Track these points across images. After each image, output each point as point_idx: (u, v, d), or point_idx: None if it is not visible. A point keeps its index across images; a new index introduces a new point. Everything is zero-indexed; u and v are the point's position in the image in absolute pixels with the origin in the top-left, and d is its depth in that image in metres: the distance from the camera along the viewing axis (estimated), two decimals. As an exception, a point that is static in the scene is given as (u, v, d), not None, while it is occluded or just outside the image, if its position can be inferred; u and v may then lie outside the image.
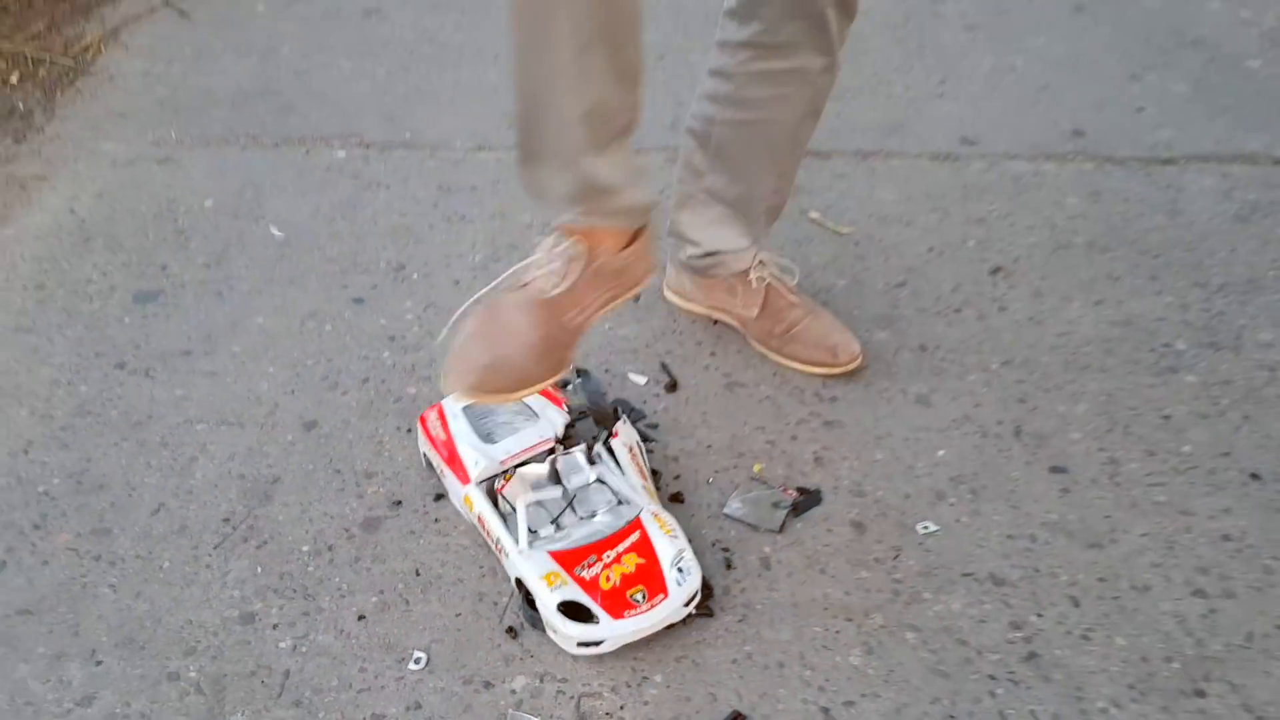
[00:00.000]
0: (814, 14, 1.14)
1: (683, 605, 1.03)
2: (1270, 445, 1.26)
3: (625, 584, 1.02)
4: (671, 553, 1.04)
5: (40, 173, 1.73)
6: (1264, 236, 1.62)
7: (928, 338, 1.42)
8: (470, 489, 1.09)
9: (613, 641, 1.00)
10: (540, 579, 1.01)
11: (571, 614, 1.00)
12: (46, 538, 1.14)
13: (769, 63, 1.19)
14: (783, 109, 1.24)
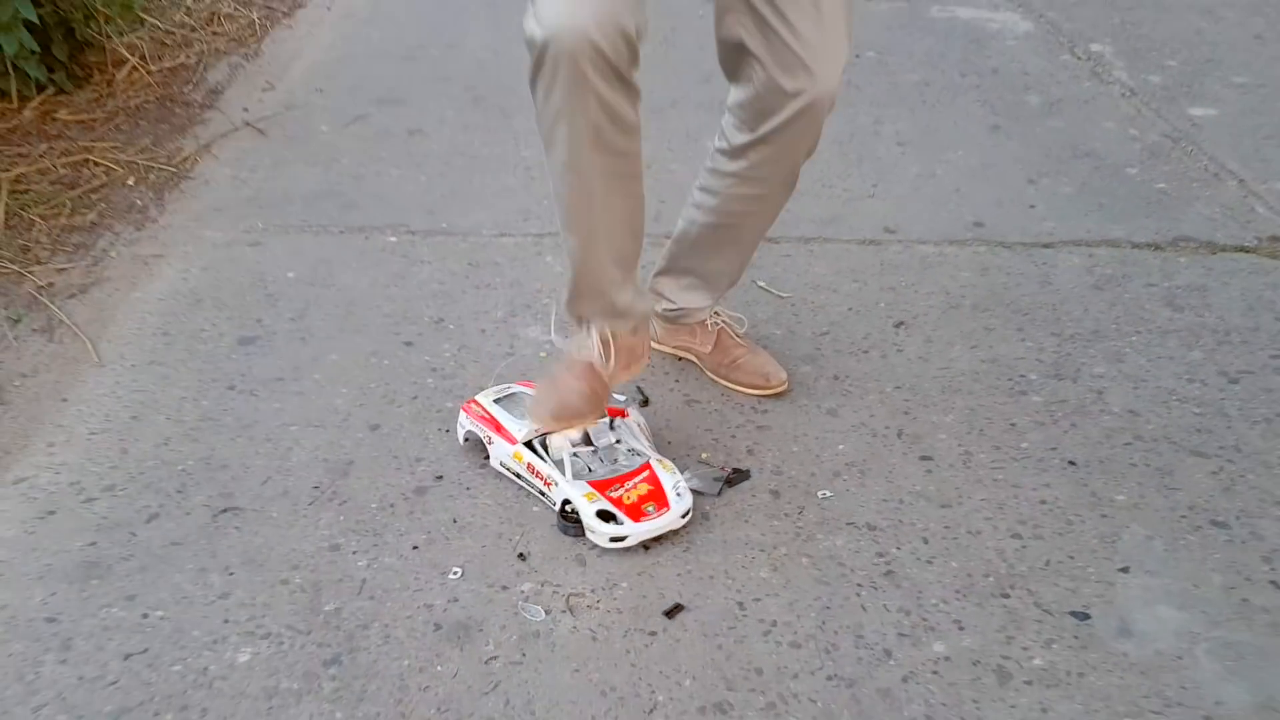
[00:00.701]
0: (790, 168, 1.56)
1: (680, 517, 1.47)
2: (1088, 443, 1.69)
3: (640, 501, 1.47)
4: (671, 482, 1.50)
5: (158, 252, 2.21)
6: (1112, 300, 2.07)
7: (840, 371, 1.87)
8: (519, 446, 1.54)
9: (634, 538, 1.45)
10: (582, 497, 1.46)
11: (605, 520, 1.44)
12: (187, 499, 1.57)
13: (747, 189, 1.60)
14: (752, 219, 1.68)
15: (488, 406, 1.62)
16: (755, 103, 1.46)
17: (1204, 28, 3.63)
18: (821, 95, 1.41)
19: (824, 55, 1.39)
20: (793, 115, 1.44)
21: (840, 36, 1.41)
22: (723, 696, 1.27)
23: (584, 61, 1.23)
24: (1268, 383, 1.84)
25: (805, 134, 1.47)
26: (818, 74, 1.40)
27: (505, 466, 1.59)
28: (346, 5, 3.71)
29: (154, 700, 1.26)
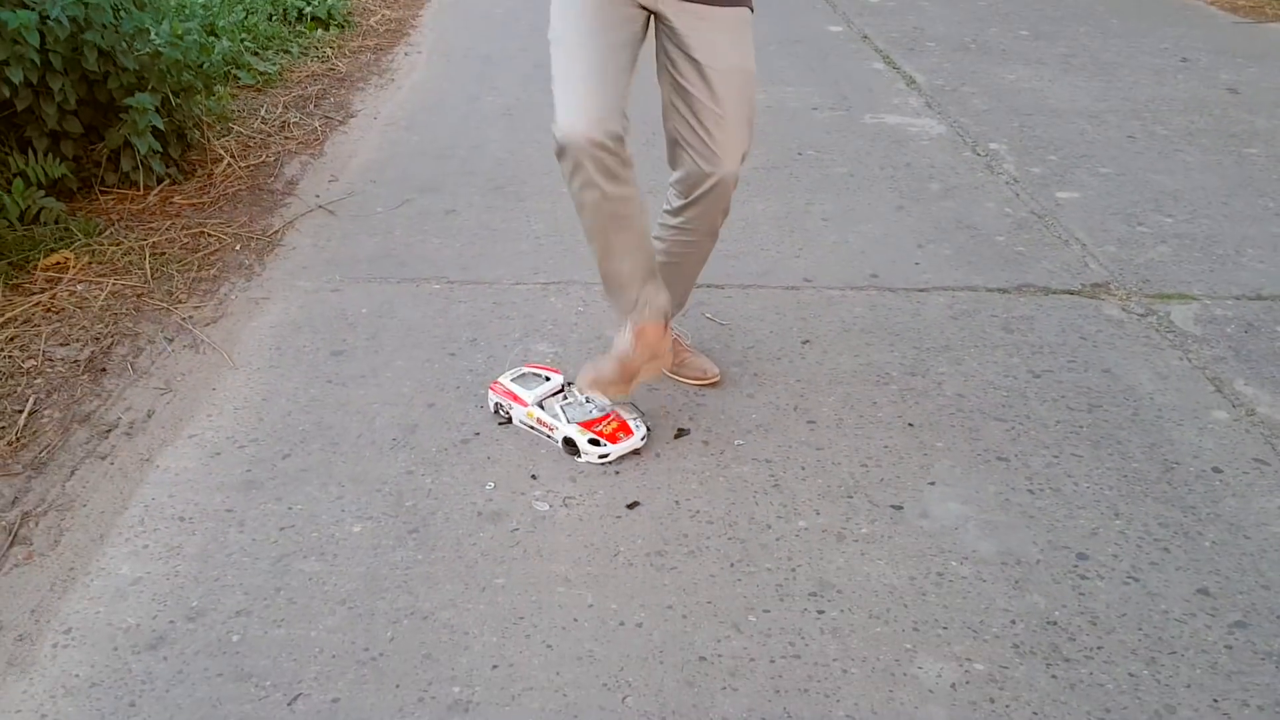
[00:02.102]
0: (710, 223, 2.31)
1: (640, 439, 2.25)
2: (925, 414, 2.45)
3: (614, 431, 2.24)
4: (632, 419, 2.27)
5: (265, 296, 3.00)
6: (962, 325, 2.85)
7: (759, 370, 2.64)
8: (530, 406, 2.31)
9: (613, 454, 2.23)
10: (578, 432, 2.23)
11: (593, 444, 2.21)
12: (307, 446, 2.33)
13: (683, 237, 2.36)
14: (689, 259, 2.44)
15: (507, 384, 2.40)
16: (686, 179, 2.26)
17: (1087, 129, 4.47)
18: (726, 176, 2.19)
19: (728, 152, 2.18)
20: (709, 189, 2.22)
21: (740, 140, 2.18)
22: (661, 549, 2.02)
23: (589, 151, 2.02)
24: (1061, 377, 2.61)
25: (718, 201, 2.25)
26: (723, 163, 2.18)
27: (523, 422, 2.36)
28: (390, 115, 4.58)
29: (301, 551, 2.01)
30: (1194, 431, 2.38)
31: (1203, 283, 3.09)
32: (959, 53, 5.70)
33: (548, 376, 2.42)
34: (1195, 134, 4.40)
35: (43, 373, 2.56)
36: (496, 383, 2.43)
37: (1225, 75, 5.31)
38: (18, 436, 2.31)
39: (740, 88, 2.17)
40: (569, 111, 2.02)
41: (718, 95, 2.14)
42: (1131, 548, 2.03)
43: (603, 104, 2.02)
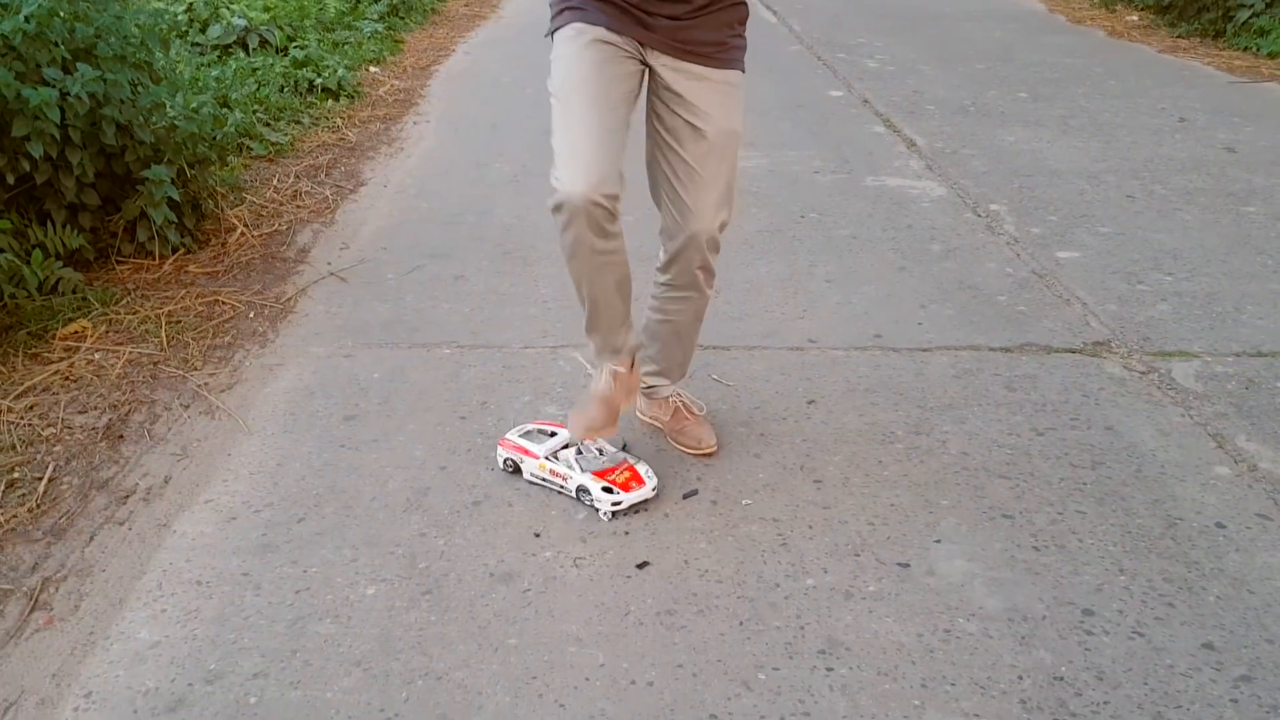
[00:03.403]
0: (692, 278, 2.37)
1: (651, 489, 2.30)
2: (930, 472, 2.48)
3: (627, 481, 2.29)
4: (644, 470, 2.32)
5: (279, 362, 3.05)
6: (965, 384, 2.89)
7: (765, 431, 2.67)
8: (542, 459, 2.36)
9: (625, 502, 2.27)
10: (591, 479, 2.28)
11: (607, 491, 2.26)
12: (321, 509, 2.36)
13: (672, 293, 2.44)
14: (682, 316, 2.52)
15: (516, 440, 2.44)
16: (667, 230, 2.33)
17: (1086, 190, 4.54)
18: (699, 234, 2.26)
19: (705, 211, 2.24)
20: (684, 243, 2.29)
21: (718, 200, 2.24)
22: (671, 608, 2.05)
23: (585, 210, 2.08)
24: (1064, 435, 2.64)
25: (694, 256, 2.30)
26: (697, 223, 2.25)
27: (534, 475, 2.40)
28: (400, 183, 4.67)
29: (317, 613, 2.04)
30: (1197, 487, 2.41)
31: (1203, 340, 3.13)
32: (958, 115, 5.80)
33: (553, 432, 2.47)
34: (1194, 193, 4.47)
35: (62, 440, 2.60)
36: (505, 439, 2.47)
37: (1222, 135, 5.40)
38: (38, 503, 2.35)
39: (724, 149, 2.25)
40: (569, 171, 2.09)
41: (701, 156, 2.23)
42: (1136, 603, 2.05)
43: (601, 165, 2.09)
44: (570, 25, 2.19)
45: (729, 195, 2.29)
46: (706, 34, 2.20)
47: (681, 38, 2.19)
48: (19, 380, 2.83)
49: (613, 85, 2.17)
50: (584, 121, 2.12)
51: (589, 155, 2.10)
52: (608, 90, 2.16)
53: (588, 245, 2.14)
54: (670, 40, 2.19)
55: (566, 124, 2.14)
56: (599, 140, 2.11)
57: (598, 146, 2.11)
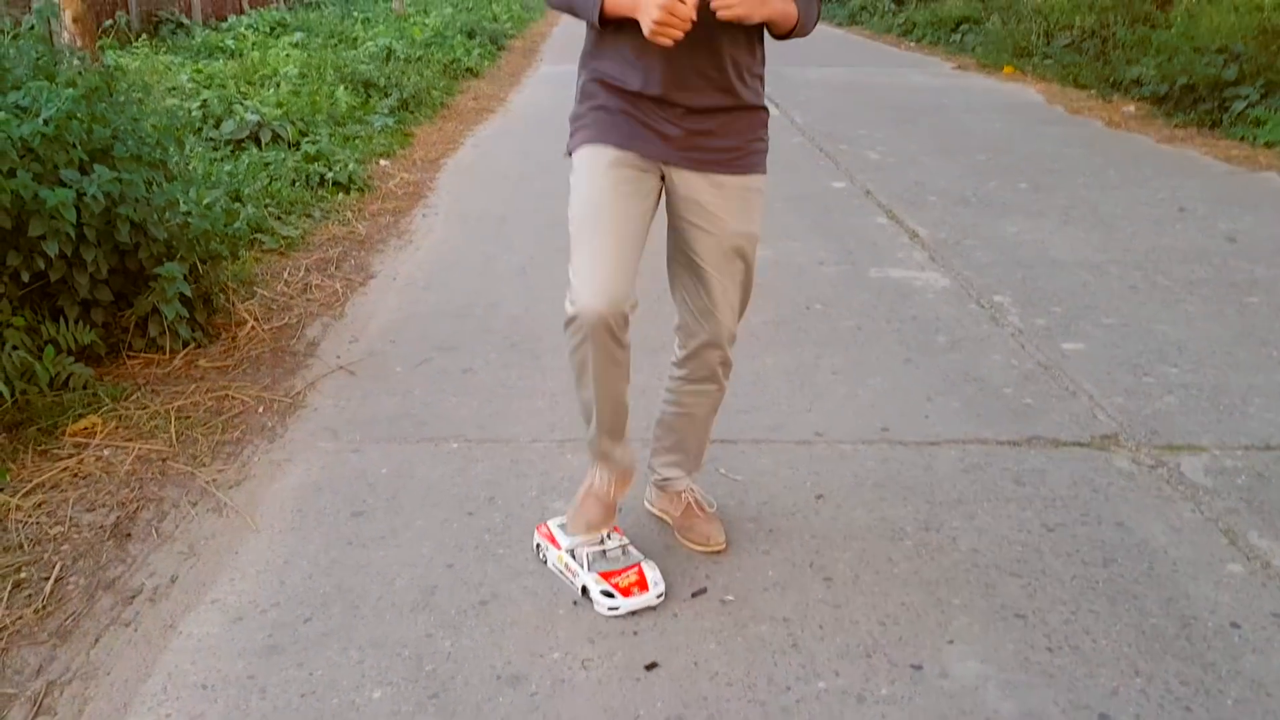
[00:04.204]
0: (711, 372, 2.41)
1: (655, 597, 2.28)
2: (940, 569, 2.46)
3: (630, 585, 2.28)
4: (653, 576, 2.31)
5: (287, 458, 3.06)
6: (974, 479, 2.88)
7: (774, 526, 2.66)
8: (563, 551, 2.38)
9: (624, 608, 2.26)
10: (595, 583, 2.27)
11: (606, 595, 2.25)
12: (328, 609, 2.34)
13: (688, 386, 2.47)
14: (698, 408, 2.54)
15: (552, 528, 2.50)
16: (684, 328, 2.37)
17: (1089, 281, 4.58)
18: (719, 335, 2.32)
19: (723, 314, 2.31)
20: (704, 343, 2.34)
21: (736, 303, 2.32)
22: (681, 712, 2.02)
23: (597, 328, 2.11)
24: (1074, 531, 2.63)
25: (714, 353, 2.36)
26: (718, 324, 2.32)
27: (554, 566, 2.43)
28: (409, 275, 4.72)
29: (323, 718, 2.01)
30: (1210, 586, 2.39)
31: (1211, 433, 3.13)
32: (960, 206, 5.87)
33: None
34: (1196, 284, 4.50)
35: (69, 539, 2.60)
36: (544, 524, 2.53)
37: (1223, 224, 5.45)
38: (44, 604, 2.34)
39: (740, 254, 2.31)
40: (587, 289, 2.13)
41: (719, 260, 2.28)
42: (1154, 707, 2.02)
43: (618, 283, 2.14)
44: (586, 147, 2.24)
45: (745, 294, 2.36)
46: (726, 141, 2.25)
47: (700, 147, 2.24)
48: (28, 477, 2.84)
49: (629, 210, 2.21)
50: (600, 246, 2.17)
51: (606, 273, 2.14)
52: (624, 215, 2.21)
53: (599, 362, 2.19)
54: (689, 152, 2.24)
55: (583, 248, 2.18)
56: (616, 258, 2.16)
57: (615, 264, 2.15)
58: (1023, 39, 12.86)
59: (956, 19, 15.98)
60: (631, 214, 2.20)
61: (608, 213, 2.19)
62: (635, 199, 2.21)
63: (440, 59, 11.29)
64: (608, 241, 2.16)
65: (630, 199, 2.21)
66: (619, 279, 2.13)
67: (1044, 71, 11.57)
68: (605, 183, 2.20)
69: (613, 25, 2.15)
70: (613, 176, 2.20)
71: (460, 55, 12.02)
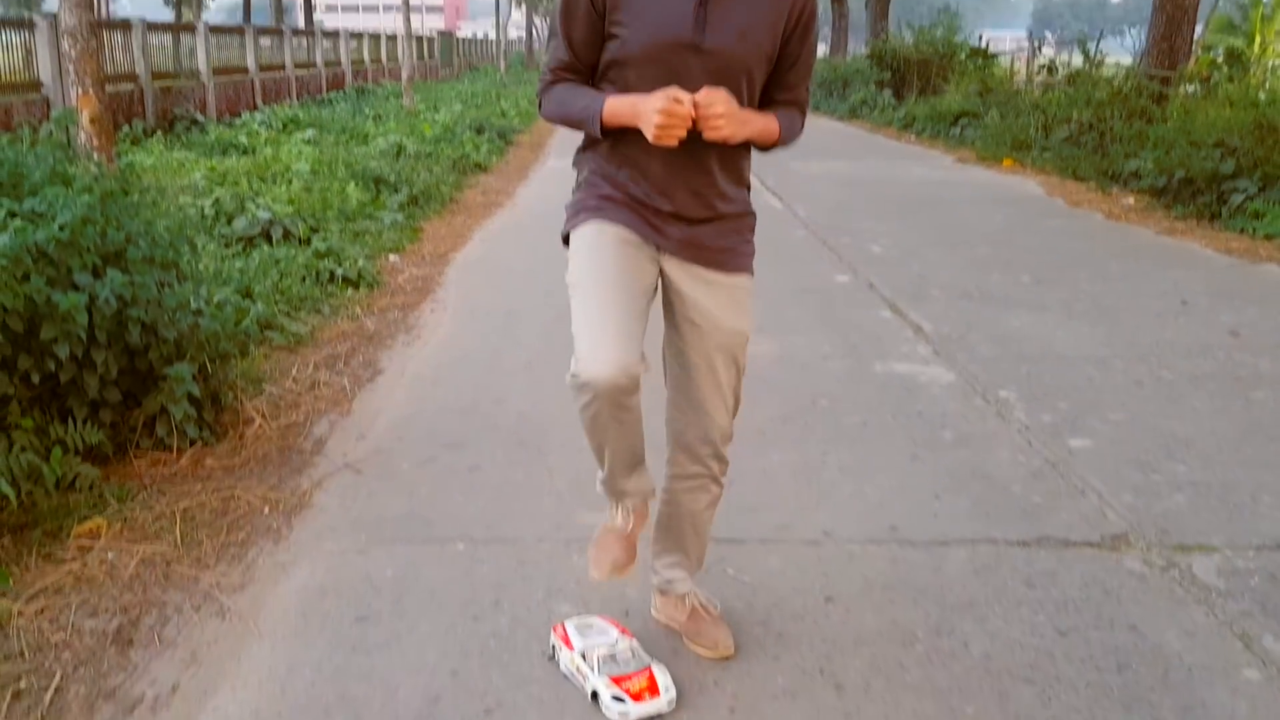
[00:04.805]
0: (706, 467, 2.42)
1: (666, 704, 2.26)
2: (952, 676, 2.42)
3: (641, 690, 2.25)
4: (664, 682, 2.28)
5: (292, 559, 3.03)
6: (985, 580, 2.85)
7: (783, 630, 2.63)
8: (575, 654, 2.36)
9: (633, 714, 2.23)
10: (605, 687, 2.25)
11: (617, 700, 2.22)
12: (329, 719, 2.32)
13: (687, 483, 2.47)
14: (695, 505, 2.52)
15: (569, 628, 2.48)
16: (673, 423, 2.41)
17: (1095, 376, 4.59)
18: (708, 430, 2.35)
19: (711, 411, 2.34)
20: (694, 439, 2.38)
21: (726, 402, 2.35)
22: (690, 828, 1.98)
23: (608, 392, 2.12)
24: (1087, 636, 2.59)
25: (704, 449, 2.38)
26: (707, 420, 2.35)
27: (566, 668, 2.41)
28: (416, 371, 4.74)
29: (323, 834, 1.97)
30: (1226, 693, 2.35)
31: (1222, 533, 3.11)
32: (963, 300, 5.91)
33: (606, 629, 2.49)
34: (1201, 379, 4.51)
35: (71, 646, 2.57)
36: (560, 624, 2.52)
37: (1225, 317, 5.48)
38: (44, 715, 2.31)
39: (731, 351, 2.34)
40: (593, 356, 2.14)
41: (709, 356, 2.32)
42: (1174, 822, 1.97)
43: (624, 349, 2.14)
44: (589, 224, 2.29)
45: (735, 394, 2.37)
46: (716, 241, 2.32)
47: (692, 243, 2.30)
48: (31, 581, 2.82)
49: (632, 275, 2.25)
50: (606, 307, 2.18)
51: (612, 340, 2.15)
52: (628, 280, 2.24)
53: (608, 421, 2.20)
54: (681, 246, 2.30)
55: (588, 311, 2.20)
56: (621, 325, 2.17)
57: (620, 332, 2.16)
58: (1021, 132, 13.07)
59: (955, 113, 16.27)
60: (636, 282, 2.24)
61: (612, 279, 2.22)
62: (637, 272, 2.26)
63: (449, 155, 11.49)
64: (612, 308, 2.18)
65: (633, 270, 2.25)
66: (627, 345, 2.14)
67: (1043, 164, 11.74)
68: (609, 252, 2.24)
69: (613, 133, 2.21)
70: (616, 247, 2.25)
71: (469, 151, 12.24)
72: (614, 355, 2.12)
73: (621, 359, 2.13)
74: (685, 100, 2.06)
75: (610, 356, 2.12)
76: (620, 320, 2.17)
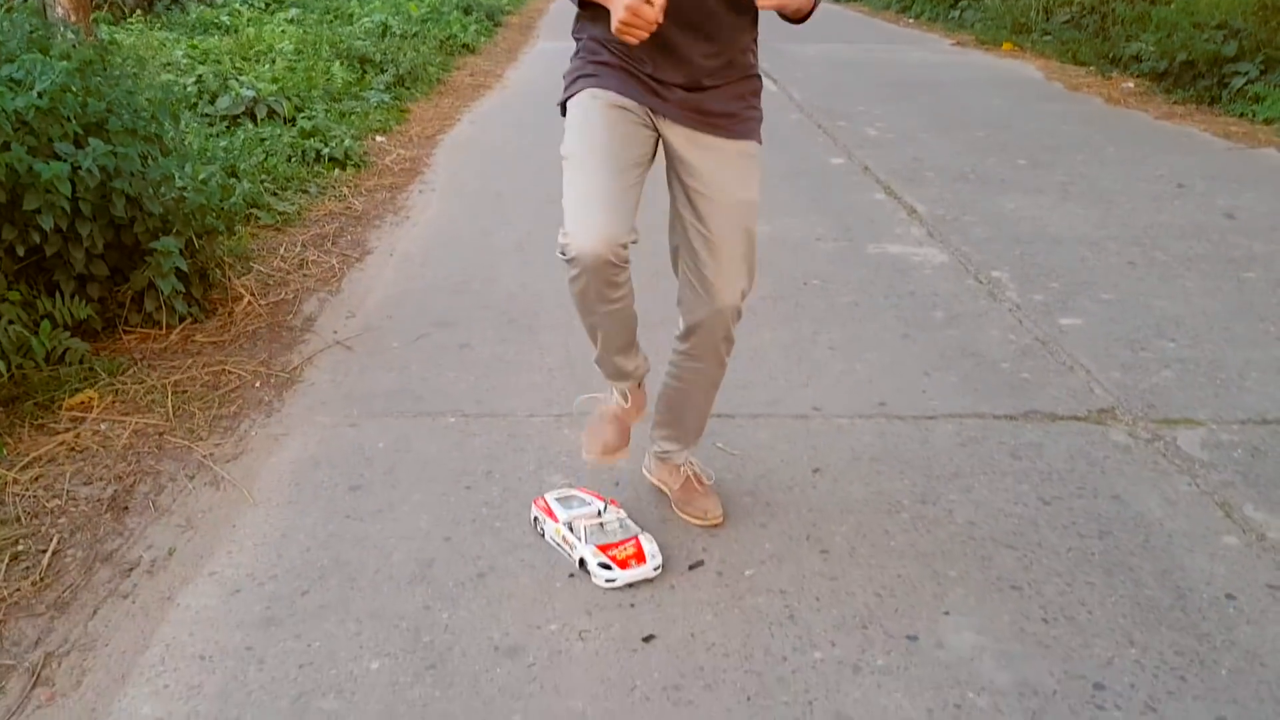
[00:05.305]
0: (713, 348, 2.38)
1: (652, 569, 2.29)
2: (937, 542, 2.47)
3: (628, 558, 2.29)
4: (650, 549, 2.31)
5: (284, 432, 3.05)
6: (971, 452, 2.88)
7: (771, 500, 2.67)
8: (560, 524, 2.38)
9: (620, 580, 2.27)
10: (593, 555, 2.29)
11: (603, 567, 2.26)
12: (325, 582, 2.35)
13: (690, 363, 2.44)
14: (696, 385, 2.51)
15: (549, 501, 2.50)
16: (685, 302, 2.33)
17: (1088, 257, 4.57)
18: (722, 308, 2.26)
19: (725, 284, 2.25)
20: (705, 316, 2.29)
21: (737, 273, 2.26)
22: (678, 682, 2.03)
23: (596, 266, 2.09)
24: (1071, 505, 2.63)
25: (716, 329, 2.31)
26: (719, 296, 2.25)
27: (551, 539, 2.44)
28: (405, 251, 4.71)
29: (320, 688, 2.02)
30: (1205, 558, 2.40)
31: (1208, 408, 3.13)
32: (958, 182, 5.86)
33: (588, 500, 2.51)
34: (1194, 259, 4.50)
35: (66, 512, 2.60)
36: (541, 498, 2.54)
37: (1221, 201, 5.44)
38: (41, 576, 2.34)
39: (741, 221, 2.27)
40: (581, 227, 2.10)
41: (718, 229, 2.24)
42: (1148, 677, 2.03)
43: (613, 221, 2.10)
44: (584, 92, 2.22)
45: (749, 265, 2.29)
46: (719, 105, 2.23)
47: (694, 108, 2.22)
48: (25, 451, 2.84)
49: (625, 147, 2.19)
50: (595, 180, 2.14)
51: (600, 212, 2.11)
52: (620, 151, 2.18)
53: (596, 297, 2.17)
54: (683, 110, 2.22)
55: (578, 182, 2.16)
56: (611, 198, 2.12)
57: (610, 203, 2.12)
58: (1022, 15, 12.80)
59: (955, -5, 15.90)
60: (628, 153, 2.18)
61: (604, 149, 2.16)
62: (631, 143, 2.19)
63: (436, 35, 11.23)
64: (603, 178, 2.13)
65: (627, 140, 2.19)
66: (616, 216, 2.10)
67: (1043, 48, 11.52)
68: (602, 122, 2.18)
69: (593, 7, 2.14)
70: (610, 116, 2.19)
71: (457, 31, 11.96)
72: (601, 228, 2.09)
73: (608, 231, 2.09)
74: (656, 3, 1.97)
75: (597, 229, 2.09)
76: (609, 192, 2.13)
